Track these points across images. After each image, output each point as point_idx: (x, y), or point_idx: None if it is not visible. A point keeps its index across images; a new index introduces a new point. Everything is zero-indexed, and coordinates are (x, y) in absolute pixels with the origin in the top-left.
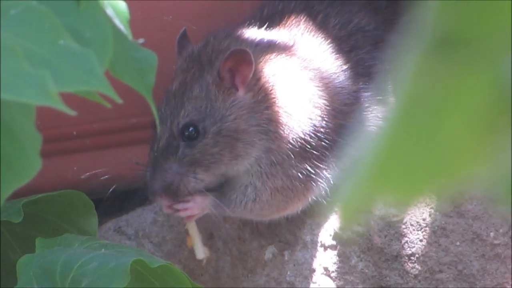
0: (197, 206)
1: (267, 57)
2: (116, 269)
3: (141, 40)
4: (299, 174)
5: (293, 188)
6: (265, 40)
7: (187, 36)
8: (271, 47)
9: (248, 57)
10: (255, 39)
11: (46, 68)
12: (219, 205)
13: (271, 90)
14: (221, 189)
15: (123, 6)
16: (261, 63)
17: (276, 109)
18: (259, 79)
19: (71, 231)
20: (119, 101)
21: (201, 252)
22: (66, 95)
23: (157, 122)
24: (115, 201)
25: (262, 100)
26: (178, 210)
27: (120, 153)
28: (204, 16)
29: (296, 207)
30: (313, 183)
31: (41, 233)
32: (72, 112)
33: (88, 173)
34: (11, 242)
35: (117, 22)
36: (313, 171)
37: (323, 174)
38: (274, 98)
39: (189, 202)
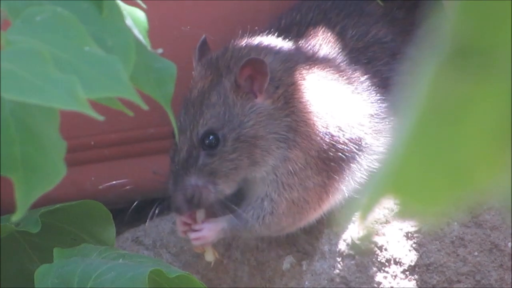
0: (210, 234)
1: (286, 66)
2: (134, 279)
3: (160, 50)
4: (315, 185)
5: (309, 200)
6: (284, 49)
7: (207, 43)
8: (290, 57)
9: (264, 67)
10: (274, 47)
11: (72, 74)
12: (236, 225)
13: (290, 99)
14: (235, 209)
15: (142, 16)
16: (280, 72)
17: (295, 117)
18: (278, 87)
19: (89, 241)
20: (146, 107)
21: (210, 254)
22: None
23: (176, 132)
24: (133, 211)
25: (281, 107)
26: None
27: (138, 163)
28: (222, 26)
29: (310, 218)
30: (329, 195)
31: (59, 243)
32: (100, 117)
33: (106, 184)
34: (29, 252)
35: (136, 32)
36: (329, 183)
37: (339, 186)
38: (293, 106)
39: (202, 230)
